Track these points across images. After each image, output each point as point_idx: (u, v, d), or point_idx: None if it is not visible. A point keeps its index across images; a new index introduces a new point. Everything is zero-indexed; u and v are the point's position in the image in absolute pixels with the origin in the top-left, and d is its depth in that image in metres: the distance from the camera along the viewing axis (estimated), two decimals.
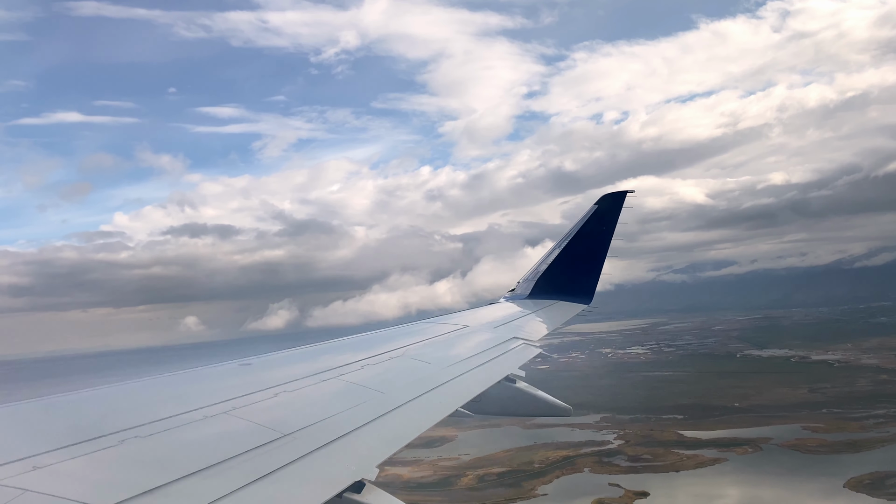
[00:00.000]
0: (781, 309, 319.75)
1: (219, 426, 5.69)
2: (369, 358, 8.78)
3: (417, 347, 9.91)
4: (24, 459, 4.42)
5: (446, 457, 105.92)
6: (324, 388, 7.27)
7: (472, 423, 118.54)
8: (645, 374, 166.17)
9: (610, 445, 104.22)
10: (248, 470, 4.80)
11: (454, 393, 7.94)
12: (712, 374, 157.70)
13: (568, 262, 16.80)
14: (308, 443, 5.49)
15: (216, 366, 8.31)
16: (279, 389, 6.87)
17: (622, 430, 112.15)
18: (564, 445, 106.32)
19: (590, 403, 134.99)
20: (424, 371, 8.64)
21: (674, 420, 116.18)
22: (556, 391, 11.33)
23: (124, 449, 4.90)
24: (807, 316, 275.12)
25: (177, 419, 5.63)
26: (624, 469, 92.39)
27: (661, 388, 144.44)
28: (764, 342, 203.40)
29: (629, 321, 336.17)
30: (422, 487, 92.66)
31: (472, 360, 9.59)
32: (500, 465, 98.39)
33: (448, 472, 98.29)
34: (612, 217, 16.52)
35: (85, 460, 4.62)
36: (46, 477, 4.26)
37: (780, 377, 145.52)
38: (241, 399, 6.37)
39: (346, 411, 6.54)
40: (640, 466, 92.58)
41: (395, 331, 11.97)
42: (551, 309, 15.54)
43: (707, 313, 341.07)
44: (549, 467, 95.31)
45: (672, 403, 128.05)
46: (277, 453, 5.19)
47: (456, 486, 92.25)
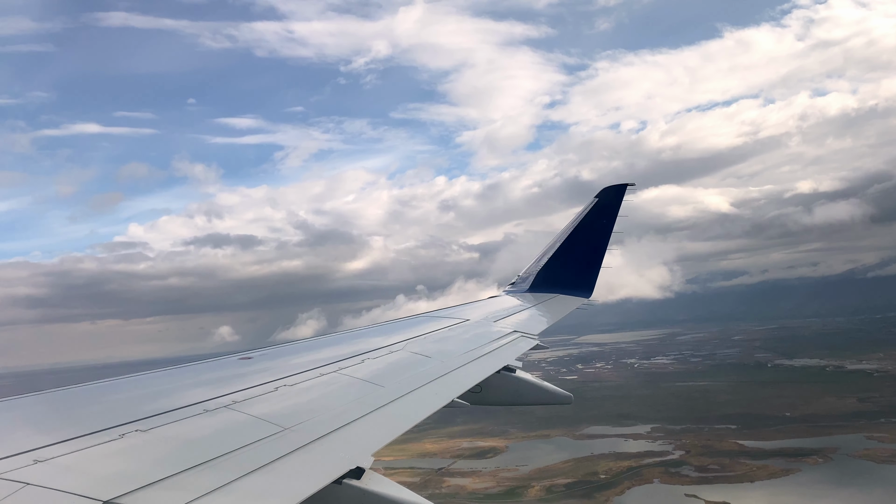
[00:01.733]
0: (796, 319, 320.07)
1: (219, 420, 5.69)
2: (370, 352, 8.77)
3: (418, 341, 9.89)
4: (25, 453, 4.45)
5: (504, 468, 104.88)
6: (324, 381, 7.25)
7: (519, 435, 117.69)
8: (680, 385, 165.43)
9: (671, 456, 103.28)
10: (249, 463, 4.81)
11: (451, 385, 7.96)
12: (750, 383, 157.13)
13: (568, 255, 16.63)
14: (308, 435, 5.50)
15: (216, 359, 8.35)
16: (279, 383, 6.87)
17: (678, 441, 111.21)
18: (624, 456, 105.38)
19: (635, 414, 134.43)
20: (424, 364, 8.60)
21: (728, 430, 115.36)
22: (596, 403, 11.00)
23: (125, 442, 4.91)
24: (825, 326, 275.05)
25: (177, 413, 5.66)
26: (694, 479, 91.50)
27: (703, 399, 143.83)
28: (791, 352, 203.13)
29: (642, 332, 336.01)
30: (490, 498, 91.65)
31: (471, 353, 9.63)
32: (565, 476, 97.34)
33: (511, 483, 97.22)
34: (612, 210, 16.32)
35: (86, 454, 4.63)
36: (48, 470, 4.28)
37: (822, 387, 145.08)
38: (242, 393, 6.38)
39: (345, 405, 6.53)
40: (710, 477, 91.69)
41: (395, 324, 11.86)
42: (551, 303, 15.43)
43: (721, 323, 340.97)
44: (615, 478, 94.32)
45: (720, 413, 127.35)
46: (278, 446, 5.18)
47: (525, 496, 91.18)
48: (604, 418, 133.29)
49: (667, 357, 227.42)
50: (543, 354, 16.53)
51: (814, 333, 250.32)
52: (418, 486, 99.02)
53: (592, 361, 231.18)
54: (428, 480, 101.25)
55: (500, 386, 9.30)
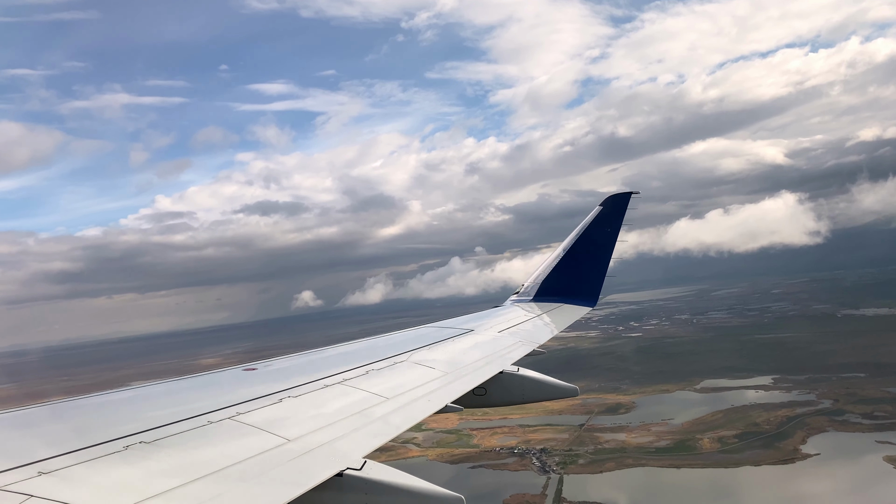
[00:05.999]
0: (824, 271, 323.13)
1: (223, 432, 5.75)
2: (374, 363, 8.99)
3: (422, 352, 10.14)
4: (29, 465, 4.50)
5: (651, 422, 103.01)
6: (327, 393, 7.43)
7: (636, 391, 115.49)
8: (761, 337, 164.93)
9: (822, 405, 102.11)
10: (252, 474, 4.93)
11: (451, 391, 8.22)
12: (835, 333, 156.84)
13: (573, 264, 16.82)
14: (311, 445, 5.66)
15: (220, 371, 8.60)
16: (284, 395, 7.01)
17: (815, 390, 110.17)
18: (771, 406, 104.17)
19: (741, 367, 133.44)
20: (427, 375, 8.82)
21: (858, 378, 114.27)
22: (690, 357, 9.62)
23: (129, 454, 4.97)
24: (862, 276, 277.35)
25: (181, 424, 5.71)
26: (870, 427, 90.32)
27: (803, 349, 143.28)
28: (850, 302, 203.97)
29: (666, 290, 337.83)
30: (662, 452, 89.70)
31: (473, 363, 10.01)
32: (724, 428, 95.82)
33: (672, 436, 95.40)
34: (616, 218, 16.55)
35: (90, 466, 4.67)
36: (52, 482, 4.31)
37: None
38: (246, 405, 6.47)
39: (348, 415, 6.68)
40: (886, 424, 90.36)
41: (400, 336, 12.23)
42: (556, 312, 15.71)
43: (747, 279, 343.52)
44: (783, 429, 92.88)
45: (835, 363, 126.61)
46: (281, 458, 5.31)
47: (698, 449, 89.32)
48: (711, 372, 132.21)
49: (719, 312, 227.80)
50: (591, 313, 16.71)
51: (856, 285, 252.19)
52: (573, 441, 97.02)
53: (644, 319, 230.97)
54: (580, 436, 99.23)
55: (505, 386, 9.74)
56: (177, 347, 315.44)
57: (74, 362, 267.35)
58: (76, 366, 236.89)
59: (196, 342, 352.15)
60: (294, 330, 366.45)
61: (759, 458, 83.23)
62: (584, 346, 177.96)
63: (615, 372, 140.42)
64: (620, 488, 77.94)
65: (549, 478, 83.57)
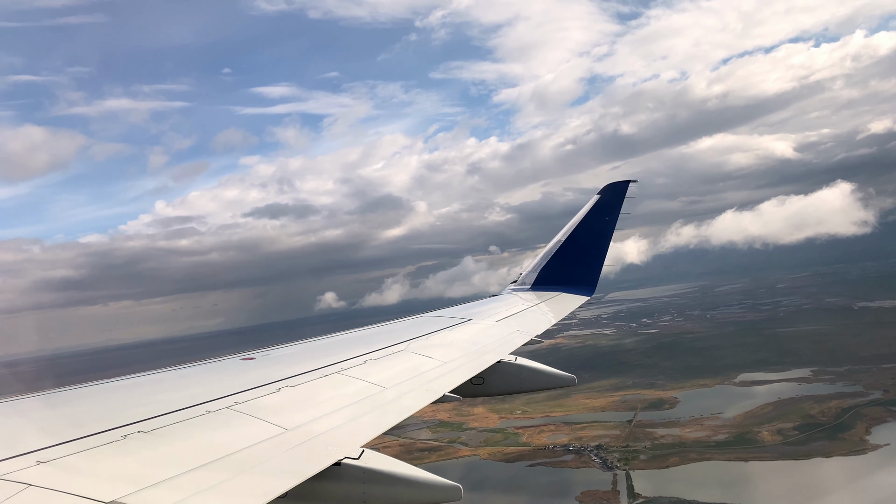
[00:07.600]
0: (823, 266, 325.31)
1: (221, 421, 5.73)
2: (372, 352, 8.94)
3: (420, 341, 10.11)
4: (27, 454, 4.47)
5: (701, 416, 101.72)
6: (325, 382, 7.40)
7: (675, 385, 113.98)
8: (784, 331, 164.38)
9: (873, 395, 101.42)
10: (250, 464, 4.89)
11: (448, 381, 8.15)
12: (856, 325, 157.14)
13: (570, 253, 16.84)
14: (308, 434, 5.64)
15: (218, 360, 8.57)
16: (282, 384, 7.00)
17: (860, 381, 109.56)
18: (820, 398, 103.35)
19: (774, 360, 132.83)
20: (424, 364, 8.77)
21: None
22: (717, 352, 9.07)
23: (128, 444, 4.95)
24: (865, 270, 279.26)
25: (179, 413, 5.69)
26: None
27: (832, 341, 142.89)
28: (863, 295, 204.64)
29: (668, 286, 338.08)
30: (723, 446, 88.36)
31: (471, 352, 10.00)
32: (781, 421, 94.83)
33: (729, 430, 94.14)
34: (614, 207, 16.55)
35: (88, 455, 4.64)
36: (50, 472, 4.29)
37: None
38: (244, 394, 6.47)
39: (346, 404, 6.70)
40: None
41: (397, 325, 12.16)
42: (553, 301, 15.74)
43: (749, 274, 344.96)
44: (841, 420, 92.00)
45: (868, 354, 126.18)
46: (279, 447, 5.29)
47: (760, 442, 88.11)
48: (745, 366, 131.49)
49: (730, 307, 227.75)
50: (599, 311, 15.31)
51: (862, 278, 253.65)
52: (627, 437, 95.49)
53: (655, 315, 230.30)
54: (632, 432, 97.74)
55: (503, 375, 9.79)
56: (172, 354, 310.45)
57: (66, 371, 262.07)
58: (68, 375, 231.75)
59: (196, 348, 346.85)
60: (305, 333, 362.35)
61: (828, 450, 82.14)
62: (604, 344, 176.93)
63: (645, 368, 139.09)
64: (696, 483, 76.37)
65: (615, 474, 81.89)
